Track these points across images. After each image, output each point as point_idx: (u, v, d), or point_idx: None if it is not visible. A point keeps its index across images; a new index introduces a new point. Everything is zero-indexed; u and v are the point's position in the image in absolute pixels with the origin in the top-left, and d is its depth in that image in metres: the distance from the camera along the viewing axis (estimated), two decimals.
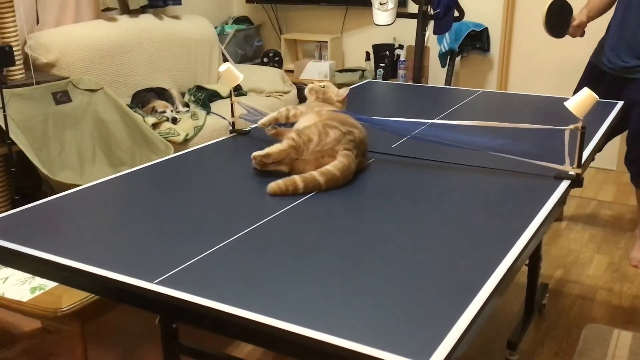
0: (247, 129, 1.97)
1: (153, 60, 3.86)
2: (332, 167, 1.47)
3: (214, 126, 3.56)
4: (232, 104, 1.93)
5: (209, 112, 3.69)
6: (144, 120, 3.23)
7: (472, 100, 2.35)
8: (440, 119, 2.07)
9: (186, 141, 3.33)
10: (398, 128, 1.73)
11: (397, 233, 1.27)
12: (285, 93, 4.19)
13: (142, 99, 3.51)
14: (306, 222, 1.32)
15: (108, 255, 1.19)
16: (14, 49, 2.92)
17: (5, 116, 2.55)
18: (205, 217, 1.35)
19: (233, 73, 1.85)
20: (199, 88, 4.04)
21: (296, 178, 1.44)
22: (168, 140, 3.21)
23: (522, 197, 1.44)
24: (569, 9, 2.72)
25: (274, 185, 1.44)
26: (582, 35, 2.75)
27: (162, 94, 3.65)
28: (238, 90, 4.13)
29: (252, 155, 1.54)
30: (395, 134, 1.80)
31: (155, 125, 3.28)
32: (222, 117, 3.66)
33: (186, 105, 3.79)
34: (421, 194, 1.47)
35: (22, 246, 1.23)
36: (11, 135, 2.62)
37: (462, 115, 2.14)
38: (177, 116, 3.43)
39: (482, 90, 2.50)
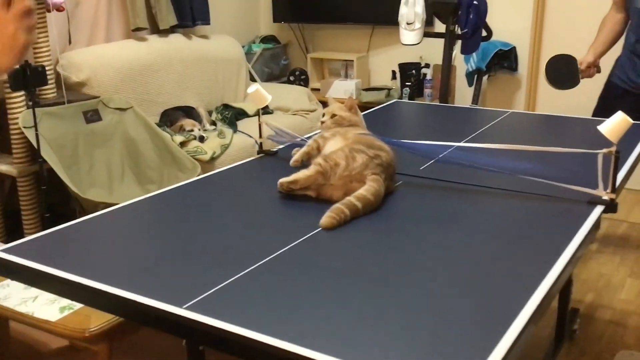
0: (274, 150, 1.97)
1: (181, 79, 3.90)
2: (366, 191, 1.46)
3: (240, 144, 3.57)
4: (259, 125, 1.94)
5: (235, 130, 3.71)
6: (172, 139, 3.26)
7: (500, 121, 2.33)
8: (468, 141, 2.05)
9: (213, 159, 3.35)
10: (425, 151, 1.71)
11: (426, 259, 1.25)
12: (312, 111, 4.21)
13: (171, 117, 3.55)
14: (334, 248, 1.31)
15: (136, 279, 1.19)
16: (47, 68, 2.98)
17: (37, 135, 2.60)
18: (233, 241, 1.35)
19: (262, 94, 1.85)
20: (226, 106, 4.07)
21: (341, 207, 1.41)
22: (195, 159, 3.23)
23: (554, 223, 1.41)
24: (569, 60, 2.76)
25: (328, 219, 1.38)
26: (597, 72, 2.79)
27: (189, 112, 3.69)
28: (265, 109, 4.16)
29: (279, 182, 1.53)
30: (422, 157, 1.79)
31: (182, 144, 3.31)
32: (248, 135, 3.68)
33: (213, 123, 3.82)
34: (450, 218, 1.45)
35: (50, 267, 1.24)
36: (42, 154, 2.66)
37: (490, 137, 2.12)
38: (204, 135, 3.45)
39: (510, 111, 2.48)
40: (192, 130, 3.43)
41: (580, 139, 2.10)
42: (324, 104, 4.37)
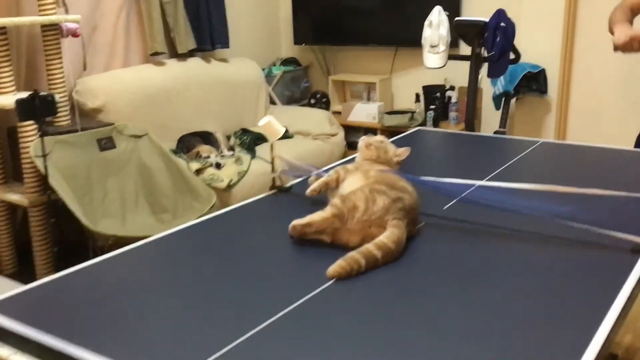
0: (288, 185, 1.85)
1: (200, 104, 3.83)
2: (387, 239, 1.33)
3: (258, 171, 3.47)
4: (272, 159, 1.83)
5: (253, 156, 3.62)
6: (188, 166, 3.17)
7: (530, 152, 2.19)
8: (496, 175, 1.92)
9: (230, 187, 3.25)
10: (449, 189, 1.58)
11: (450, 323, 1.12)
12: (332, 135, 4.10)
13: (187, 143, 3.47)
14: (348, 303, 1.18)
15: (140, 344, 1.08)
16: (60, 95, 2.92)
17: (45, 165, 2.52)
18: (242, 292, 1.23)
19: (273, 127, 1.75)
20: (245, 131, 3.98)
21: (356, 255, 1.28)
22: (212, 187, 3.14)
23: (595, 276, 1.27)
24: None
25: (336, 268, 1.26)
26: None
27: (207, 138, 3.61)
28: (285, 133, 4.05)
29: (291, 225, 1.42)
30: (446, 196, 1.65)
31: (199, 171, 3.22)
32: (266, 161, 3.57)
33: (231, 148, 3.73)
34: (476, 270, 1.31)
35: (35, 330, 1.14)
36: (52, 183, 2.59)
37: (519, 171, 1.98)
38: (221, 161, 3.36)
39: (541, 140, 2.34)
40: (208, 157, 3.34)
41: (620, 173, 1.95)
42: (346, 128, 4.26)
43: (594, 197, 1.55)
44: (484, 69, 3.39)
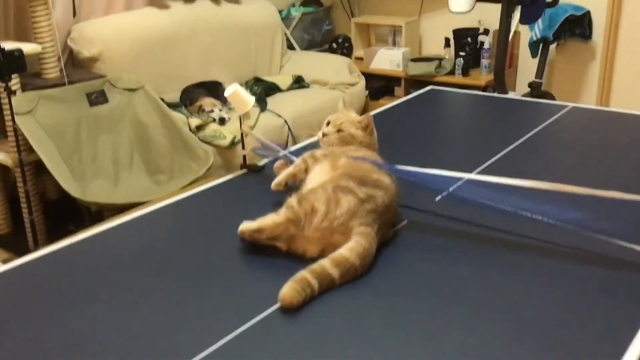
0: (261, 165, 1.61)
1: (207, 51, 3.56)
2: (349, 252, 1.08)
3: (267, 125, 3.22)
4: (242, 135, 1.58)
5: (264, 109, 3.36)
6: (188, 122, 2.95)
7: (554, 122, 1.87)
8: (506, 155, 1.63)
9: (234, 144, 3.02)
10: (431, 183, 1.29)
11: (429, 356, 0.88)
12: (352, 85, 3.79)
13: (190, 95, 3.23)
14: (292, 334, 0.95)
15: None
16: (47, 45, 2.70)
17: (14, 125, 2.34)
18: (171, 317, 1.02)
19: (241, 97, 1.49)
20: (257, 80, 3.71)
21: (307, 276, 1.04)
22: (214, 145, 2.91)
23: (611, 302, 1.00)
24: None
25: (289, 294, 1.01)
26: None
27: (213, 89, 3.35)
28: (300, 83, 3.78)
29: (239, 230, 1.18)
30: (431, 190, 1.37)
31: (200, 127, 2.99)
32: (277, 115, 3.32)
33: None
34: (462, 290, 1.06)
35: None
36: (31, 142, 2.40)
37: (534, 150, 1.68)
38: (225, 116, 3.12)
39: (571, 105, 2.01)
40: (212, 111, 3.10)
41: None
42: (368, 76, 3.94)
43: (617, 200, 1.26)
44: (518, 14, 3.02)
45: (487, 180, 1.20)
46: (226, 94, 1.49)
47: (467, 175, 1.24)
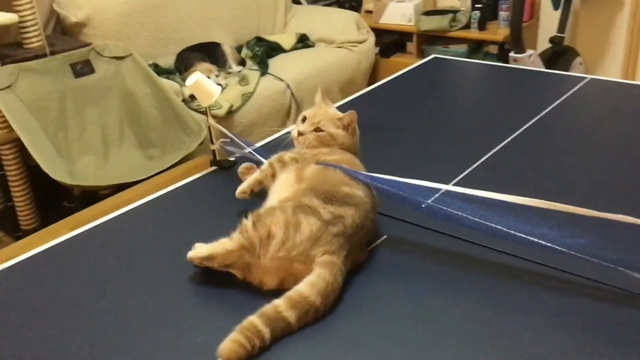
0: (232, 159, 1.44)
1: (205, 9, 3.35)
2: (308, 288, 0.92)
3: (268, 91, 3.04)
4: (209, 128, 1.41)
5: (264, 72, 3.16)
6: (182, 90, 2.78)
7: (567, 100, 1.67)
8: (507, 145, 1.44)
9: (231, 113, 2.85)
10: (406, 195, 1.10)
11: None
12: (360, 43, 3.56)
13: (185, 61, 3.05)
14: None
15: None
16: (28, 13, 2.53)
17: None
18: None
19: (205, 87, 1.33)
20: (259, 40, 3.50)
21: (257, 323, 0.88)
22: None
23: (624, 337, 0.84)
24: None
25: (230, 346, 0.85)
26: None
27: (211, 51, 3.16)
28: (304, 42, 3.56)
29: (188, 256, 1.02)
30: (409, 204, 1.17)
31: (194, 96, 2.82)
32: (278, 78, 3.13)
33: (242, 62, 3.28)
34: (444, 331, 0.90)
35: None
36: (8, 119, 2.27)
37: (539, 141, 1.49)
38: (222, 82, 2.94)
39: (589, 77, 1.79)
40: (207, 78, 2.92)
41: None
42: (378, 32, 3.71)
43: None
44: None
45: (467, 195, 1.02)
46: (187, 83, 1.33)
47: (447, 187, 1.07)
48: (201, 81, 1.31)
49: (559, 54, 3.23)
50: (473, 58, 3.69)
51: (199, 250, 1.01)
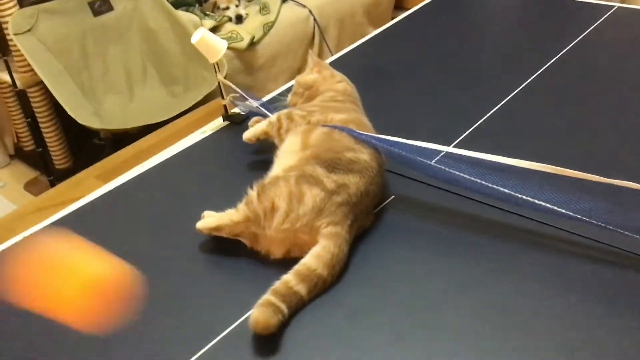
0: (243, 113, 1.44)
1: None
2: (314, 261, 0.94)
3: (290, 19, 2.97)
4: (219, 84, 1.40)
5: None
6: (201, 24, 2.74)
7: (592, 34, 1.59)
8: (525, 88, 1.40)
9: (253, 44, 2.81)
10: (415, 156, 1.09)
11: None
12: None
13: None
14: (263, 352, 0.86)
15: None
16: None
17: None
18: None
19: (210, 44, 1.31)
20: None
21: (273, 300, 0.89)
22: (230, 48, 2.72)
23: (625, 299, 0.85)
24: None
25: (263, 319, 0.87)
26: None
27: None
28: None
29: (197, 227, 1.05)
30: (412, 167, 1.16)
31: (214, 29, 2.78)
32: (301, 4, 3.05)
33: None
34: (461, 286, 0.92)
35: None
36: (32, 64, 2.29)
37: (559, 85, 1.44)
38: (242, 12, 2.88)
39: (617, 5, 1.70)
40: (227, 8, 2.87)
41: None
42: None
43: None
44: None
45: (468, 156, 1.00)
46: (193, 41, 1.31)
47: (444, 148, 1.05)
48: (206, 37, 1.29)
49: None
50: None
51: (208, 221, 1.03)
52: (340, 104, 1.18)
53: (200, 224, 1.04)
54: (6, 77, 2.44)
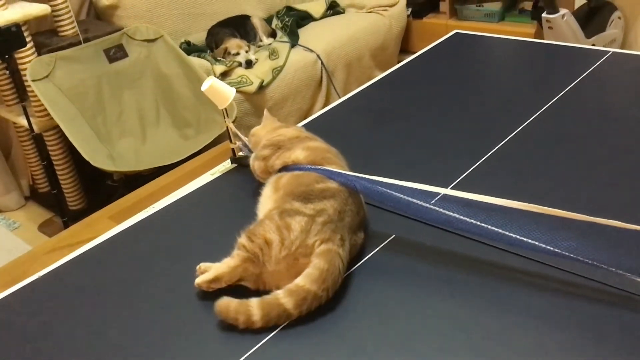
0: (250, 156, 1.49)
1: None
2: (302, 278, 0.99)
3: (299, 63, 3.07)
4: (227, 130, 1.46)
5: (294, 44, 3.18)
6: (212, 69, 2.83)
7: (585, 80, 1.64)
8: (522, 131, 1.44)
9: (262, 88, 2.90)
10: (399, 198, 1.11)
11: None
12: (391, 6, 3.53)
13: (216, 37, 3.09)
14: None
15: None
16: (61, 1, 2.60)
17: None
18: None
19: (219, 90, 1.37)
20: (289, 9, 3.51)
21: (251, 304, 0.97)
22: (240, 91, 2.80)
23: (619, 338, 0.88)
24: None
25: (223, 306, 0.99)
26: None
27: (241, 25, 3.20)
28: (334, 8, 3.54)
29: (196, 284, 1.08)
30: (398, 210, 1.20)
31: (225, 74, 2.88)
32: (309, 49, 3.14)
33: (272, 34, 3.31)
34: (460, 325, 0.95)
35: None
36: (48, 108, 2.38)
37: (548, 132, 1.48)
38: (252, 58, 2.98)
39: (611, 50, 1.76)
40: (237, 54, 2.96)
41: None
42: None
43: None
44: None
45: (466, 199, 1.05)
46: (203, 89, 1.37)
47: (441, 190, 1.09)
48: (215, 85, 1.36)
49: (595, 9, 3.12)
50: (508, 16, 3.61)
51: (205, 276, 1.06)
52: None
53: (198, 280, 1.07)
54: (24, 122, 2.52)
